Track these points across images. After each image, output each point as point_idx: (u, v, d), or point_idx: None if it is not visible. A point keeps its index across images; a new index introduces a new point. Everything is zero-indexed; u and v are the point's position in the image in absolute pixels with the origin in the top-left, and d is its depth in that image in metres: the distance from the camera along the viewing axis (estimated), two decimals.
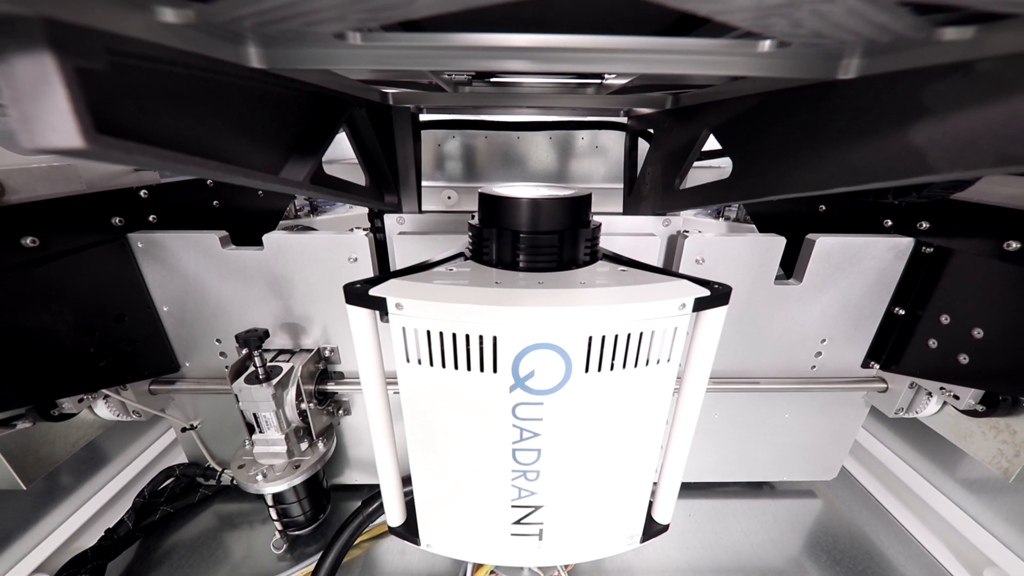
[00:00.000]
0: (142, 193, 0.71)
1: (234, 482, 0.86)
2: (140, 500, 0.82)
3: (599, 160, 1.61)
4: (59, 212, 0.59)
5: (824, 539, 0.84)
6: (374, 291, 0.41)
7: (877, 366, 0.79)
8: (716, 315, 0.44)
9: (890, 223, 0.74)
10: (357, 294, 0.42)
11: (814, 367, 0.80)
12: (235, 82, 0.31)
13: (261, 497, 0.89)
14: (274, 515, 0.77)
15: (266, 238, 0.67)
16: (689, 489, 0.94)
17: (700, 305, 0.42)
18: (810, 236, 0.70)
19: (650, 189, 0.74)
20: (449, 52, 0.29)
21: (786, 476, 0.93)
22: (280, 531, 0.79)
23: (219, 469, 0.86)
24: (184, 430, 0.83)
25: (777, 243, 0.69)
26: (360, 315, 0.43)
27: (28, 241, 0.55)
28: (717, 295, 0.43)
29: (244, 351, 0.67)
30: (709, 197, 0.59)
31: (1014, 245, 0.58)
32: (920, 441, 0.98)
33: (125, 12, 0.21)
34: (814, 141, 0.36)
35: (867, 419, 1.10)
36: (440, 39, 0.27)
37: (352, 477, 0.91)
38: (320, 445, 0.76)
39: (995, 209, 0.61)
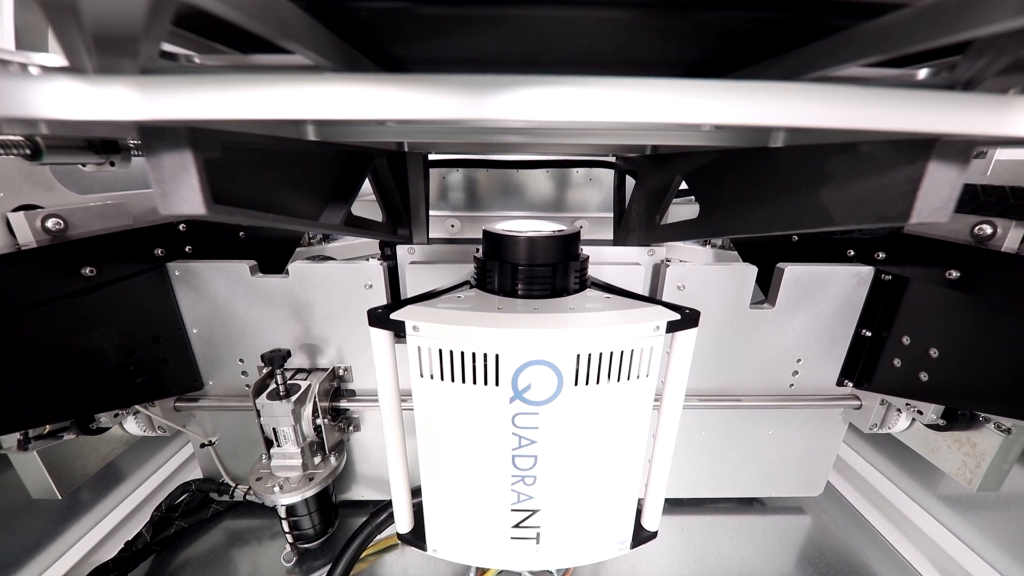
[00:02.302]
0: (181, 227, 0.79)
1: (246, 497, 0.91)
2: (158, 514, 0.86)
3: (594, 190, 1.71)
4: (111, 245, 0.67)
5: (811, 553, 0.88)
6: (394, 315, 0.48)
7: (851, 384, 0.85)
8: (688, 336, 0.51)
9: (852, 253, 0.82)
10: (379, 318, 0.49)
11: (792, 385, 0.86)
12: (291, 149, 0.40)
13: (270, 513, 0.93)
14: (286, 527, 0.81)
15: (291, 267, 0.74)
16: (682, 505, 0.98)
17: (673, 327, 0.49)
18: (780, 265, 0.78)
19: (636, 223, 0.83)
20: (464, 130, 0.37)
21: (774, 492, 0.97)
22: (291, 544, 0.83)
23: (232, 485, 0.91)
24: (203, 446, 0.88)
25: (749, 271, 0.76)
26: (380, 336, 0.50)
27: (87, 271, 0.62)
28: (687, 318, 0.50)
29: (267, 369, 0.73)
30: (683, 233, 0.67)
31: (955, 274, 0.66)
32: (901, 457, 1.02)
33: None
34: (758, 192, 0.44)
35: (851, 437, 1.16)
36: (457, 121, 0.35)
37: (359, 493, 0.95)
38: (332, 459, 0.81)
39: (938, 242, 0.69)
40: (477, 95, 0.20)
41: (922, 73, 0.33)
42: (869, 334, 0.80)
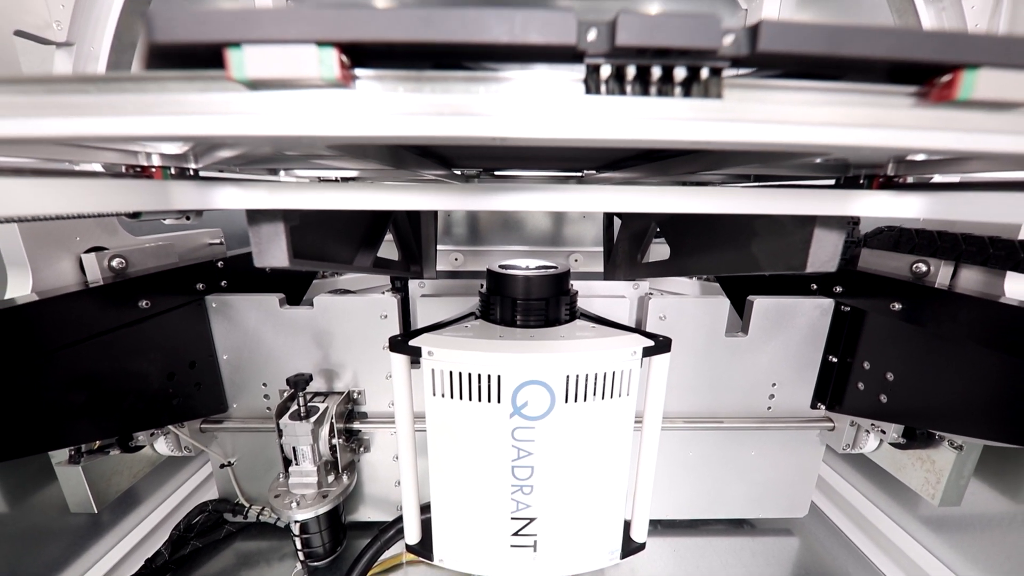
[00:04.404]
0: (219, 264, 0.89)
1: (259, 518, 0.96)
2: (176, 533, 0.90)
3: (588, 225, 1.83)
4: (162, 280, 0.77)
5: (799, 573, 0.92)
6: (412, 342, 0.57)
7: (823, 407, 0.93)
8: (662, 360, 0.60)
9: (815, 287, 0.92)
10: (399, 344, 0.58)
11: (770, 408, 0.93)
12: (339, 211, 0.50)
13: (280, 535, 0.98)
14: (298, 544, 0.86)
15: (316, 300, 0.83)
16: (674, 527, 1.03)
17: (648, 352, 0.58)
18: (750, 297, 0.87)
19: (622, 259, 0.93)
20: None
21: (760, 513, 1.01)
22: (302, 562, 0.87)
23: (247, 505, 0.96)
24: (222, 466, 0.94)
25: (723, 304, 0.86)
26: (399, 360, 0.59)
27: (143, 303, 0.72)
28: (660, 345, 0.59)
29: (290, 392, 0.81)
30: (658, 271, 0.77)
31: (897, 306, 0.75)
32: (882, 478, 1.07)
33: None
34: (710, 241, 0.54)
35: (836, 461, 1.21)
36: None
37: (366, 514, 0.99)
38: (344, 478, 0.87)
39: (884, 278, 0.79)
40: (480, 196, 0.30)
41: (817, 159, 0.44)
42: (835, 360, 0.88)
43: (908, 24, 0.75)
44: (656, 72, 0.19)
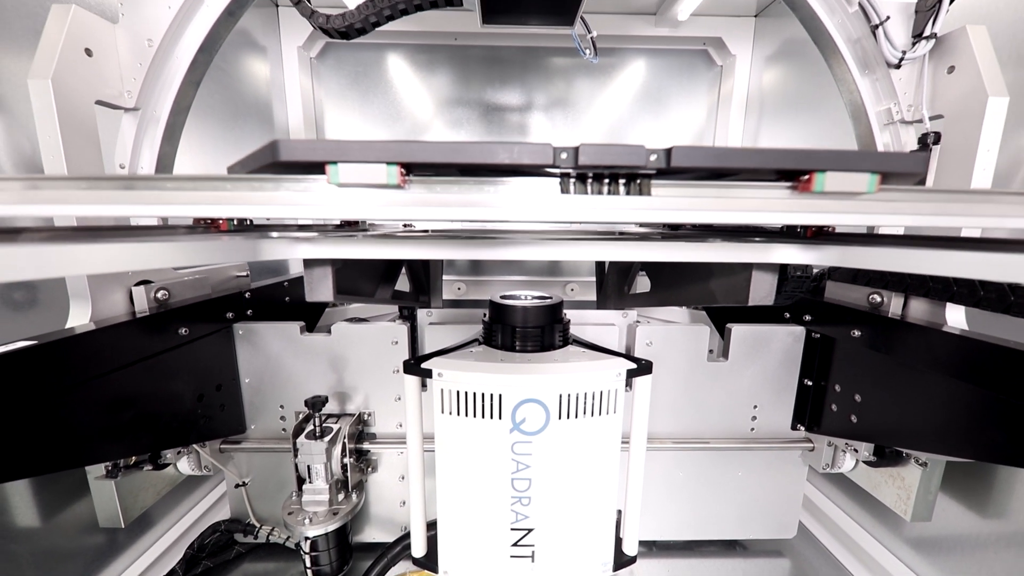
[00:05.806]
0: (247, 295, 0.98)
1: (269, 538, 1.00)
2: (190, 552, 0.94)
3: None
4: (198, 310, 0.86)
5: None
6: (424, 365, 0.66)
7: (803, 428, 0.99)
8: (644, 381, 0.68)
9: (788, 315, 1.01)
10: (412, 367, 0.66)
11: (753, 429, 0.99)
12: None
13: (288, 556, 1.02)
14: (308, 562, 0.90)
15: (335, 327, 0.92)
16: (668, 549, 1.06)
17: (632, 374, 0.66)
18: (728, 324, 0.96)
19: (611, 290, 1.03)
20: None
21: (749, 534, 1.05)
22: None
23: (257, 525, 1.00)
24: (237, 486, 0.99)
25: (703, 331, 0.94)
26: (412, 381, 0.67)
27: (183, 331, 0.80)
28: (642, 368, 0.67)
29: (307, 413, 0.88)
30: (642, 302, 0.87)
31: (857, 333, 0.84)
32: (866, 498, 1.12)
33: None
34: (680, 277, 0.64)
35: (822, 481, 1.25)
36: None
37: (371, 535, 1.03)
38: (353, 496, 0.92)
39: (844, 308, 0.88)
40: (487, 248, 0.40)
41: None
42: (810, 383, 0.96)
43: (849, 91, 0.89)
44: (606, 178, 0.29)
